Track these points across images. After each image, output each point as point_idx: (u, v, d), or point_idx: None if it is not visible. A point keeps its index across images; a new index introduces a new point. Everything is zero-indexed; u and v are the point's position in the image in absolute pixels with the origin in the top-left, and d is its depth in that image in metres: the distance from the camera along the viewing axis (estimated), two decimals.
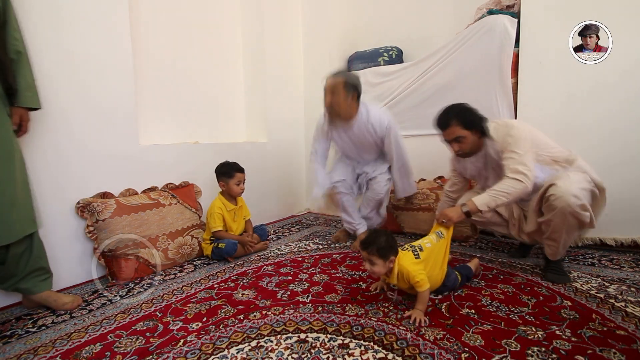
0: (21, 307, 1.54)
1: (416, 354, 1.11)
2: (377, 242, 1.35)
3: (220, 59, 2.88)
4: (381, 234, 1.39)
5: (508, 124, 1.67)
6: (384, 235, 1.38)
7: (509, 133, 1.62)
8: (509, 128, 1.64)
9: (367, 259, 1.38)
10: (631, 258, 1.91)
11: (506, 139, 1.63)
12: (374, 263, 1.36)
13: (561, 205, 1.49)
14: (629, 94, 1.96)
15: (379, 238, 1.37)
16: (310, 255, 2.12)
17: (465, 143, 1.70)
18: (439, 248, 1.53)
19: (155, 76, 2.38)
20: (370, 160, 2.37)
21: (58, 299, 1.51)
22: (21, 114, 1.41)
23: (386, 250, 1.36)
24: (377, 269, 1.37)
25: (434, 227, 1.66)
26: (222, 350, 1.16)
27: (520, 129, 1.63)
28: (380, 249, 1.35)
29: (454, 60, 2.45)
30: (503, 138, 1.64)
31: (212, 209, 2.15)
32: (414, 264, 1.38)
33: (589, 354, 1.09)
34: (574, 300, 1.45)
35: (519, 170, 1.55)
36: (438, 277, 1.48)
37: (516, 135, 1.60)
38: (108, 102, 1.90)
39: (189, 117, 2.64)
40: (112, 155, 1.93)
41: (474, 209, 1.58)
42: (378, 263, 1.36)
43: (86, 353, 1.18)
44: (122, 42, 1.96)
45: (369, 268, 1.38)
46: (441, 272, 1.50)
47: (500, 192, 1.56)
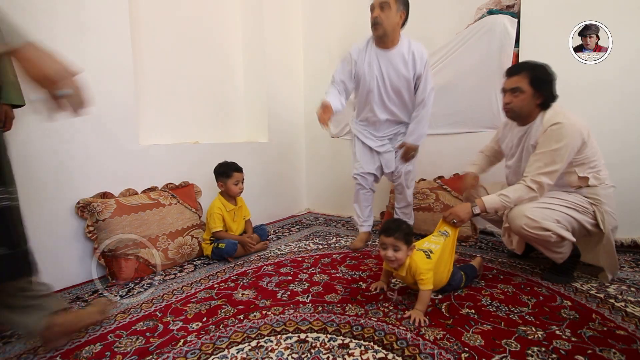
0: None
1: (416, 354, 1.11)
2: (402, 228, 1.39)
3: (220, 59, 2.88)
4: (402, 221, 1.46)
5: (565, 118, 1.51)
6: (405, 223, 1.44)
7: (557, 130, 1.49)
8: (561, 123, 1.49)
9: (392, 244, 1.39)
10: (631, 258, 1.91)
11: (548, 133, 1.51)
12: (398, 249, 1.38)
13: (514, 226, 1.53)
14: (629, 94, 1.96)
15: (402, 224, 1.42)
16: (310, 255, 2.12)
17: (519, 99, 1.58)
18: (444, 247, 1.53)
19: (155, 76, 2.38)
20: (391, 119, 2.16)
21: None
22: (5, 110, 1.39)
23: (410, 236, 1.41)
24: (401, 254, 1.38)
25: (439, 225, 1.65)
26: (222, 350, 1.16)
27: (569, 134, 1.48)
28: (406, 234, 1.39)
29: (454, 60, 2.45)
30: (549, 128, 1.52)
31: (212, 209, 2.15)
32: (424, 262, 1.41)
33: (589, 354, 1.09)
34: (574, 300, 1.45)
35: (538, 181, 1.51)
36: (443, 276, 1.49)
37: (562, 134, 1.48)
38: (108, 102, 1.90)
39: (189, 117, 2.64)
40: (112, 155, 1.93)
41: (483, 208, 1.57)
42: (403, 249, 1.38)
43: (86, 353, 1.18)
44: (122, 42, 1.96)
45: (392, 254, 1.39)
46: (447, 271, 1.51)
47: (511, 199, 1.54)
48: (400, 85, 2.07)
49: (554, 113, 1.55)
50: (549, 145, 1.51)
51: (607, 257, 1.59)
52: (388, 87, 2.08)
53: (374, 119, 2.18)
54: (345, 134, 3.07)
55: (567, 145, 1.49)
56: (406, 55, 2.02)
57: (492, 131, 2.32)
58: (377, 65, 2.06)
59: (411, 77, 2.05)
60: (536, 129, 1.59)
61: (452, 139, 2.57)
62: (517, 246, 1.68)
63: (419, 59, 2.02)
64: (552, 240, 1.50)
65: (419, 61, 2.02)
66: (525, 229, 1.50)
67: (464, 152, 2.49)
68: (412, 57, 2.02)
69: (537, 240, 1.53)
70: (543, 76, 1.57)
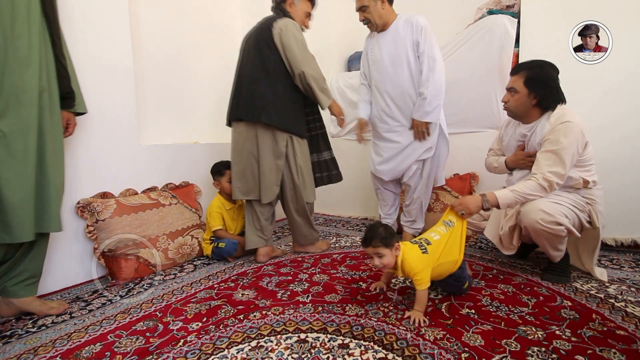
0: None
1: (416, 354, 1.11)
2: (377, 233, 1.35)
3: (220, 58, 2.88)
4: (377, 225, 1.40)
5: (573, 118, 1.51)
6: (381, 226, 1.39)
7: (565, 128, 1.49)
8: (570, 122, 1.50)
9: (373, 253, 1.36)
10: (631, 258, 1.91)
11: (556, 131, 1.51)
12: (381, 255, 1.35)
13: (528, 220, 1.52)
14: (629, 94, 1.96)
15: (377, 230, 1.37)
16: (310, 255, 2.12)
17: (514, 98, 1.61)
18: (449, 237, 1.45)
19: (155, 76, 2.38)
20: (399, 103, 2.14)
21: (43, 304, 1.46)
22: (69, 117, 1.51)
23: (388, 238, 1.35)
24: (387, 260, 1.35)
25: (444, 215, 1.55)
26: (222, 350, 1.16)
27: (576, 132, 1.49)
28: (383, 238, 1.34)
29: (454, 61, 2.45)
30: (556, 127, 1.52)
31: (211, 208, 2.15)
32: (418, 259, 1.36)
33: (589, 354, 1.09)
34: (574, 300, 1.45)
35: (549, 180, 1.49)
36: (448, 267, 1.43)
37: (569, 133, 1.48)
38: (108, 102, 1.90)
39: (189, 117, 2.63)
40: (112, 155, 1.93)
41: (495, 203, 1.50)
42: (385, 253, 1.34)
43: (86, 353, 1.18)
44: (122, 42, 1.96)
45: (379, 262, 1.36)
46: (454, 262, 1.44)
47: (525, 195, 1.51)
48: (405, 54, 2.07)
49: (561, 113, 1.55)
50: (557, 144, 1.50)
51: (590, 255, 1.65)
52: (393, 63, 2.11)
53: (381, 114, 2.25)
54: (346, 134, 3.07)
55: (573, 143, 1.48)
56: (401, 31, 2.08)
57: (492, 131, 2.32)
58: (379, 46, 2.16)
59: (410, 47, 2.06)
60: (542, 128, 1.59)
61: (452, 139, 2.55)
62: (515, 243, 1.69)
63: (415, 26, 2.04)
64: (562, 235, 1.52)
65: (415, 28, 2.04)
66: (540, 223, 1.49)
67: (464, 152, 2.49)
68: (410, 26, 2.06)
69: (547, 236, 1.52)
70: (538, 77, 1.57)
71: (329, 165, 2.16)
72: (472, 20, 2.47)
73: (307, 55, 1.91)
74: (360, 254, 2.12)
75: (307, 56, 1.91)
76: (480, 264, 1.88)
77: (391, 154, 2.21)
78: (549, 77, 1.58)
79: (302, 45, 1.91)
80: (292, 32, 1.89)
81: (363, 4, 2.07)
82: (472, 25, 2.41)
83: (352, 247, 2.28)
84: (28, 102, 1.29)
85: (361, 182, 3.01)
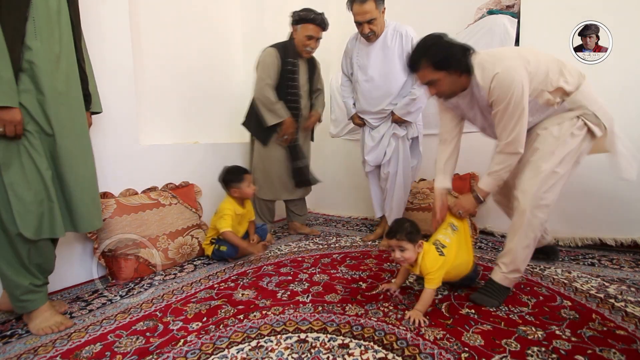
0: None
1: (416, 354, 1.11)
2: (404, 228, 1.39)
3: (220, 58, 2.88)
4: (404, 220, 1.45)
5: (496, 66, 1.37)
6: (408, 221, 1.43)
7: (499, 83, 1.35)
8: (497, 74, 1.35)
9: (397, 246, 1.39)
10: (631, 258, 1.91)
11: (494, 91, 1.37)
12: (404, 249, 1.37)
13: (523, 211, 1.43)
14: (628, 93, 1.96)
15: (404, 224, 1.41)
16: (310, 255, 2.12)
17: (440, 86, 1.45)
18: (459, 239, 1.51)
19: (155, 76, 2.38)
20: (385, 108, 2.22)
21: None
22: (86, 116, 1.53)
23: (414, 234, 1.39)
24: (408, 254, 1.37)
25: (447, 219, 1.58)
26: (222, 350, 1.16)
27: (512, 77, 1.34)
28: (408, 233, 1.38)
29: None
30: (490, 86, 1.38)
31: (223, 210, 2.06)
32: (435, 260, 1.39)
33: (589, 354, 1.09)
34: (574, 300, 1.45)
35: (511, 147, 1.42)
36: (462, 268, 1.50)
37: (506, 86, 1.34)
38: (108, 102, 1.89)
39: (189, 117, 2.63)
40: (112, 155, 1.93)
41: (484, 193, 1.51)
42: (409, 248, 1.37)
43: (86, 353, 1.18)
44: (122, 42, 1.96)
45: (400, 255, 1.38)
46: (465, 263, 1.51)
47: (500, 171, 1.46)
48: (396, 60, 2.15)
49: (482, 68, 1.40)
50: (502, 102, 1.37)
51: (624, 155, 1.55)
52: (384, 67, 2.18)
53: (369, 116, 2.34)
54: (345, 134, 3.07)
55: (515, 92, 1.34)
56: (390, 41, 2.14)
57: None
58: (368, 56, 2.21)
59: (397, 58, 2.14)
60: (479, 92, 1.45)
61: None
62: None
63: (405, 37, 2.12)
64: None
65: (405, 39, 2.12)
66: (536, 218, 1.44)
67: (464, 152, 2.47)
68: (399, 37, 2.13)
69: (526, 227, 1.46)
70: (441, 54, 1.40)
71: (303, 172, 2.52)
72: (472, 21, 2.47)
73: (259, 80, 2.32)
74: (360, 254, 2.12)
75: (259, 81, 2.32)
76: (480, 264, 1.88)
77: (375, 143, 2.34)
78: (444, 46, 1.42)
79: (260, 71, 2.31)
80: (261, 59, 2.34)
81: (373, 17, 2.06)
82: (472, 25, 2.41)
83: (352, 247, 2.28)
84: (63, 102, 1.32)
85: (361, 182, 3.01)
